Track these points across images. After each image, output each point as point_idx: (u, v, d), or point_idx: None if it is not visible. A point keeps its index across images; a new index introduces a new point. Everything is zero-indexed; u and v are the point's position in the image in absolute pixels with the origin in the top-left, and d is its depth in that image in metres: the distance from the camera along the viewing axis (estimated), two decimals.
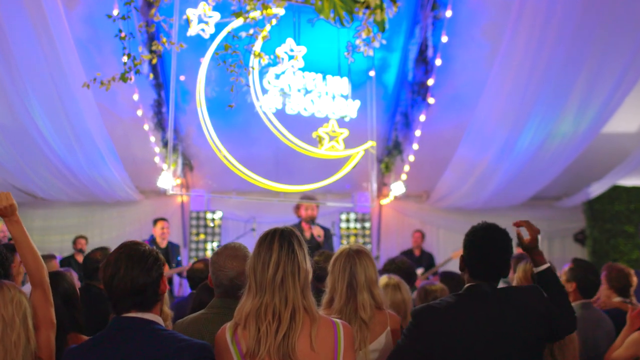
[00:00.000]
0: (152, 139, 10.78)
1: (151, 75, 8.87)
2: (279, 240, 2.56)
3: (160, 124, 10.76)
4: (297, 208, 9.38)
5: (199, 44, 8.11)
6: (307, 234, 9.04)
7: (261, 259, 2.54)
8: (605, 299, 4.88)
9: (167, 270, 7.68)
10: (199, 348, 2.46)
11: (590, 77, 8.78)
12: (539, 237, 3.34)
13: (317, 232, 9.12)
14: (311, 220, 9.24)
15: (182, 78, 9.48)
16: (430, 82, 10.27)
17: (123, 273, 2.52)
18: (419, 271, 9.11)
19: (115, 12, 7.73)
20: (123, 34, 6.61)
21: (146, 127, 10.60)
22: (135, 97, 9.47)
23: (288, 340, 2.39)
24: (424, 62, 10.15)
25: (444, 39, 9.62)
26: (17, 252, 5.75)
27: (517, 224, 3.40)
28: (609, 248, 12.48)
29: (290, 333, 2.41)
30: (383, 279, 4.14)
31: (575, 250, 13.02)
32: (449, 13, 9.36)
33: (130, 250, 2.61)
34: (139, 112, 10.16)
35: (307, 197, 9.53)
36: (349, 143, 9.28)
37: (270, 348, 2.38)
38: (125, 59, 6.46)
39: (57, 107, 8.84)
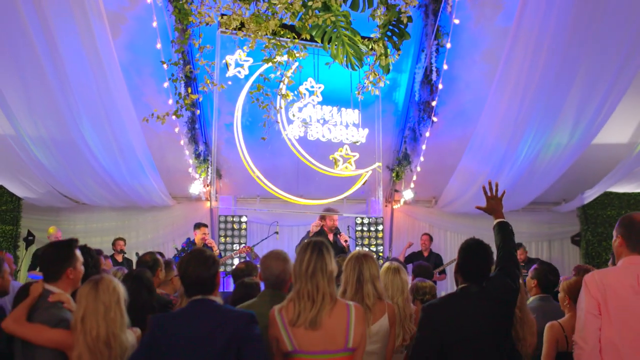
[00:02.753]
0: (187, 152, 11.63)
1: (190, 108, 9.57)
2: (311, 247, 3.62)
3: (194, 138, 11.60)
4: (322, 218, 10.18)
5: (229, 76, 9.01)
6: (331, 237, 9.98)
7: (299, 259, 3.61)
8: None
9: None
10: (248, 315, 3.50)
11: (579, 95, 9.21)
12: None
13: (344, 238, 10.08)
14: (336, 229, 10.20)
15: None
16: (434, 103, 11.02)
17: (192, 269, 3.56)
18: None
19: (158, 46, 8.74)
20: (175, 78, 7.49)
21: (182, 142, 11.42)
22: (170, 111, 10.17)
23: (317, 314, 3.45)
24: (428, 84, 10.92)
25: (445, 66, 10.40)
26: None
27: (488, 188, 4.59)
28: (601, 250, 13.11)
29: (319, 310, 3.47)
30: (386, 265, 5.06)
31: (572, 252, 13.75)
32: (448, 45, 10.16)
33: (197, 254, 3.66)
34: (176, 129, 10.99)
35: (329, 209, 10.39)
36: (363, 158, 10.40)
37: (306, 319, 3.45)
38: (170, 100, 7.16)
39: (104, 123, 9.58)
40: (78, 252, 4.09)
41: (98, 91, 9.05)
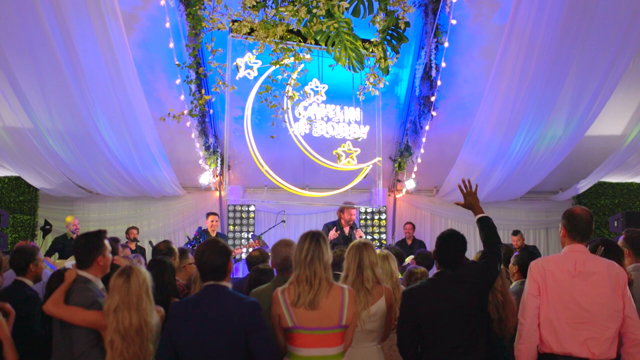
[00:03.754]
0: (197, 144, 12.02)
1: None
2: (310, 237, 4.11)
3: (204, 132, 11.98)
4: (341, 211, 10.57)
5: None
6: (346, 231, 10.39)
7: (299, 248, 4.10)
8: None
9: None
10: (253, 303, 3.91)
11: (571, 89, 9.45)
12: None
13: (360, 234, 10.40)
14: (353, 224, 10.58)
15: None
16: (433, 98, 11.36)
17: (206, 257, 3.96)
18: (410, 258, 10.13)
19: (171, 45, 9.10)
20: (190, 80, 7.86)
21: (193, 135, 11.81)
22: (185, 111, 10.27)
23: (315, 296, 3.95)
24: (428, 79, 11.25)
25: (444, 64, 10.76)
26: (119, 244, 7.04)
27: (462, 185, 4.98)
28: (595, 237, 13.25)
29: (316, 293, 3.96)
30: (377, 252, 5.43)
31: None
32: (446, 44, 10.53)
33: (212, 243, 4.05)
34: (188, 123, 11.38)
35: (348, 203, 10.83)
36: (365, 152, 10.88)
37: (305, 300, 3.94)
38: (182, 96, 7.49)
39: (118, 117, 9.88)
40: (107, 242, 4.50)
41: (113, 87, 9.34)
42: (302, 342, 3.99)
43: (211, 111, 11.65)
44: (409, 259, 9.70)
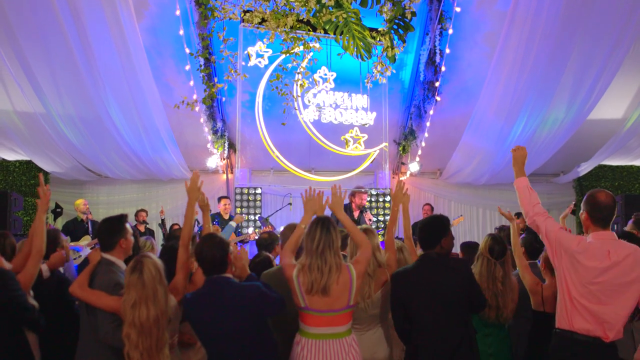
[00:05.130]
0: (206, 128, 12.17)
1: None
2: (320, 226, 4.29)
3: (212, 116, 12.13)
4: (353, 195, 10.55)
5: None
6: (356, 215, 10.42)
7: (310, 235, 4.29)
8: None
9: (233, 238, 9.15)
10: (256, 285, 4.14)
11: (573, 73, 9.58)
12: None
13: (369, 217, 10.43)
14: (363, 207, 10.58)
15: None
16: (437, 84, 11.50)
17: (205, 253, 4.14)
18: None
19: (181, 32, 9.22)
20: (204, 68, 8.02)
21: (201, 119, 11.95)
22: (194, 96, 10.48)
23: (326, 283, 4.14)
24: (432, 65, 11.39)
25: (448, 50, 10.92)
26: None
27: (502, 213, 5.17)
28: None
29: (327, 279, 4.15)
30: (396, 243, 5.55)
31: (570, 221, 14.03)
32: (450, 30, 10.67)
33: (209, 239, 4.21)
34: (197, 108, 11.25)
35: (359, 187, 10.95)
36: (371, 136, 11.08)
37: (318, 288, 4.15)
38: (191, 82, 7.64)
39: (129, 102, 10.05)
40: (128, 225, 4.69)
41: (123, 72, 9.49)
42: (314, 322, 4.23)
43: (224, 99, 11.80)
44: None
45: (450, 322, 4.41)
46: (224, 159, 13.01)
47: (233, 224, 8.23)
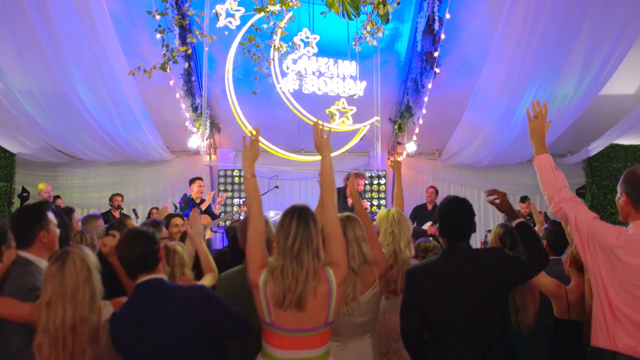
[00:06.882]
0: (183, 105, 11.41)
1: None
2: (297, 217, 3.32)
3: (190, 91, 11.34)
4: (347, 178, 9.47)
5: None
6: (349, 202, 9.52)
7: (284, 232, 3.31)
8: None
9: (207, 221, 8.55)
10: (200, 286, 3.38)
11: (586, 43, 9.08)
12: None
13: (365, 205, 9.70)
14: (360, 194, 9.77)
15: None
16: (436, 54, 10.80)
17: (128, 251, 3.31)
18: (428, 224, 9.72)
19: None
20: (162, 29, 7.26)
21: (177, 95, 11.19)
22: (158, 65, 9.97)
23: (301, 294, 3.19)
24: (431, 33, 10.63)
25: (448, 15, 10.17)
26: (73, 214, 6.47)
27: (489, 194, 4.06)
28: (606, 203, 13.03)
29: (302, 290, 3.19)
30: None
31: None
32: None
33: (129, 234, 3.39)
34: (171, 82, 10.74)
35: (357, 173, 10.12)
36: (362, 111, 10.22)
37: (291, 301, 3.19)
38: (164, 51, 7.09)
39: (96, 75, 9.44)
40: (51, 214, 3.88)
41: (88, 41, 8.92)
42: (281, 344, 3.31)
43: (187, 64, 10.94)
44: (426, 226, 9.33)
45: (483, 329, 3.53)
46: (206, 139, 12.19)
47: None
